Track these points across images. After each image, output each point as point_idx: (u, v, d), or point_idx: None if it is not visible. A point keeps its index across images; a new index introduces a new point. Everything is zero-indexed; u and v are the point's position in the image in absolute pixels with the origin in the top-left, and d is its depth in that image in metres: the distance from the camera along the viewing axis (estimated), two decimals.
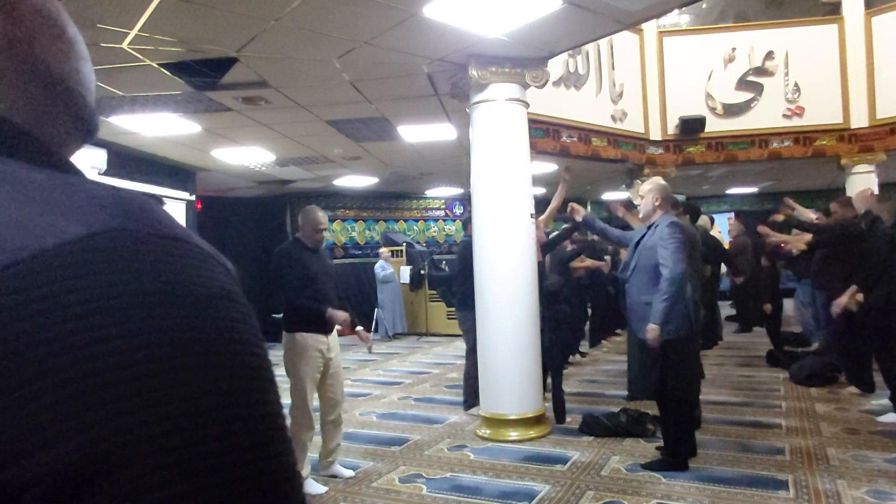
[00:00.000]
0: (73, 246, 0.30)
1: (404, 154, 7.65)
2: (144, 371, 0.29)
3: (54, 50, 0.44)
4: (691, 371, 3.68)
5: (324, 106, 5.40)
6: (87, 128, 0.47)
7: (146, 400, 0.29)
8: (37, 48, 0.42)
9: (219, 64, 4.20)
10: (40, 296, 0.29)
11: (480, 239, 4.58)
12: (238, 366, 0.33)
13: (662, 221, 3.69)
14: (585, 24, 3.96)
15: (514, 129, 4.55)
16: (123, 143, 6.28)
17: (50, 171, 0.35)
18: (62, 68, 0.44)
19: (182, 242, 0.33)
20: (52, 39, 0.43)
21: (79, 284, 0.29)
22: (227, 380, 0.32)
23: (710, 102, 7.51)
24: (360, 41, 3.94)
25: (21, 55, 0.41)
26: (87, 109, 0.47)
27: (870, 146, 7.33)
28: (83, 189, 0.33)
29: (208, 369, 0.31)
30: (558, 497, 3.35)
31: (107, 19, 3.39)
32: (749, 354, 7.27)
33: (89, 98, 0.47)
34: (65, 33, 0.45)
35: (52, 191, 0.32)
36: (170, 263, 0.32)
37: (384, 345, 9.53)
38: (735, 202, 13.92)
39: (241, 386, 0.32)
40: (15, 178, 0.33)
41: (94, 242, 0.30)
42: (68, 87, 0.44)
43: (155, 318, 0.30)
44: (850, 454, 3.82)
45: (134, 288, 0.30)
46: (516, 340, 4.44)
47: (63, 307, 0.29)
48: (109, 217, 0.32)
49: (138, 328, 0.30)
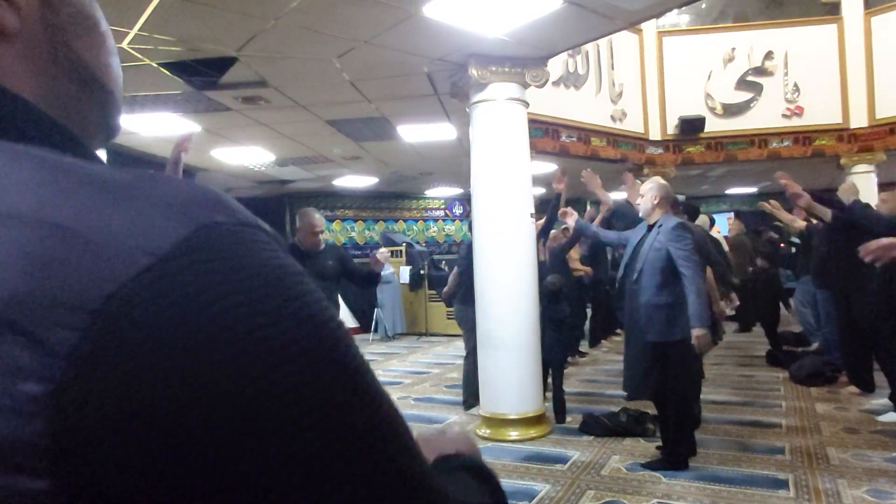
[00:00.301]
0: (183, 247, 0.30)
1: (404, 154, 7.65)
2: (296, 367, 0.31)
3: (88, 43, 0.43)
4: (693, 371, 3.67)
5: (323, 105, 5.40)
6: (112, 124, 0.46)
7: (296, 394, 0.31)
8: (71, 39, 0.41)
9: (218, 63, 4.20)
10: (170, 303, 0.29)
11: (480, 239, 4.58)
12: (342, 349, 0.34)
13: (666, 222, 3.61)
14: (585, 23, 3.96)
15: (514, 129, 4.55)
16: (123, 142, 6.28)
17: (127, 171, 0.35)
18: (94, 62, 0.44)
19: (259, 230, 0.34)
20: (86, 31, 0.43)
21: (204, 284, 0.30)
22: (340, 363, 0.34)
23: (709, 102, 7.51)
24: (360, 40, 3.94)
25: (56, 44, 0.40)
26: (116, 107, 0.46)
27: (869, 146, 7.33)
28: (159, 186, 0.33)
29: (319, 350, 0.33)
30: (558, 496, 3.35)
31: (107, 19, 3.38)
32: (749, 354, 7.27)
33: (118, 95, 0.46)
34: (99, 27, 0.45)
35: (132, 188, 0.32)
36: (258, 252, 0.33)
37: (384, 345, 9.53)
38: (734, 202, 13.93)
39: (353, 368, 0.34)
40: (93, 175, 0.32)
41: (198, 241, 0.31)
42: (99, 82, 0.44)
43: (275, 309, 0.31)
44: (850, 453, 3.82)
45: (246, 281, 0.31)
46: (516, 340, 4.44)
47: (198, 309, 0.29)
48: (201, 211, 0.32)
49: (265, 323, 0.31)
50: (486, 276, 4.53)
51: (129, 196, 0.31)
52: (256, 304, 0.31)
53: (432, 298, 10.02)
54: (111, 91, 0.45)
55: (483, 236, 4.56)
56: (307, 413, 0.31)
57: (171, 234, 0.30)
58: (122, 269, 0.29)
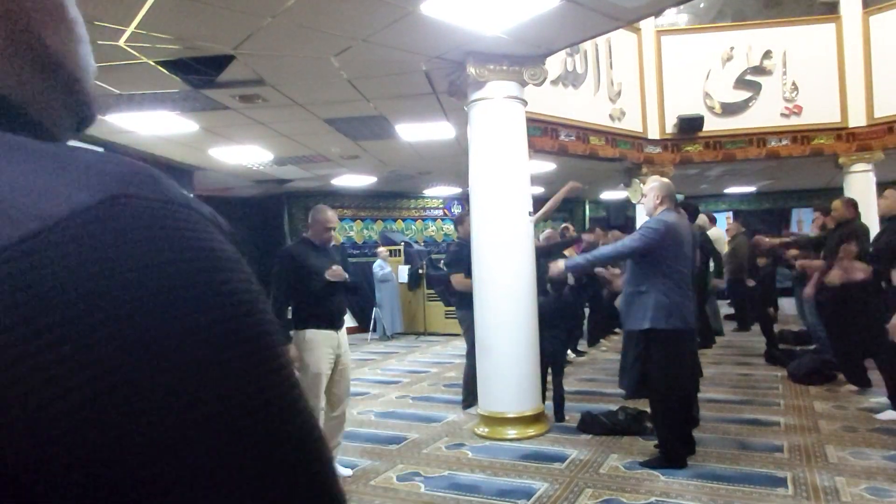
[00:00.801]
0: (82, 216, 0.28)
1: (402, 153, 7.64)
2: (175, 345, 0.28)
3: (53, 29, 0.42)
4: (676, 368, 3.64)
5: (321, 104, 5.39)
6: (83, 114, 0.45)
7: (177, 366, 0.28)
8: (34, 25, 0.40)
9: (215, 61, 4.19)
10: (52, 273, 0.27)
11: (479, 238, 4.58)
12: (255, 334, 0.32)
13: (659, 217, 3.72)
14: (583, 21, 3.95)
15: (513, 128, 4.54)
16: (120, 141, 6.27)
17: (53, 143, 0.34)
18: (60, 49, 0.42)
19: (184, 207, 0.32)
20: (51, 17, 0.42)
21: (93, 257, 0.28)
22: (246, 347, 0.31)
23: (708, 101, 7.51)
24: (358, 38, 3.93)
25: (17, 31, 0.39)
26: (85, 95, 0.45)
27: (868, 145, 7.33)
28: (81, 156, 0.32)
29: (228, 339, 0.30)
30: (556, 495, 3.34)
31: (104, 16, 3.38)
32: (747, 353, 7.27)
33: (87, 83, 0.45)
34: (65, 12, 0.43)
35: (55, 158, 0.31)
36: (177, 230, 0.31)
37: (382, 344, 9.52)
38: (733, 201, 13.93)
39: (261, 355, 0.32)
40: (25, 146, 0.31)
41: (100, 211, 0.29)
42: (66, 70, 0.43)
43: (175, 288, 0.29)
44: (849, 451, 3.82)
45: (148, 258, 0.29)
46: (514, 338, 4.44)
47: (77, 283, 0.27)
48: (116, 183, 0.30)
49: (160, 302, 0.28)
50: (484, 275, 4.53)
51: (51, 163, 0.30)
52: (150, 287, 0.28)
53: (431, 298, 10.01)
54: (78, 78, 0.44)
55: (481, 235, 4.55)
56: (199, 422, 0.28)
57: (74, 201, 0.28)
58: (6, 232, 0.27)
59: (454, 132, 6.47)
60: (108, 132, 5.88)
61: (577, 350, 7.48)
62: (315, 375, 3.52)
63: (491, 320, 4.49)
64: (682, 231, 3.71)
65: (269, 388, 0.31)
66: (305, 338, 3.54)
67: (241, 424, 0.30)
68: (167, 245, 0.30)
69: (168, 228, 0.30)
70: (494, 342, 4.47)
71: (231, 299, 0.31)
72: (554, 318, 4.78)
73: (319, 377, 3.53)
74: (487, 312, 4.51)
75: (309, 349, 3.53)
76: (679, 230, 3.68)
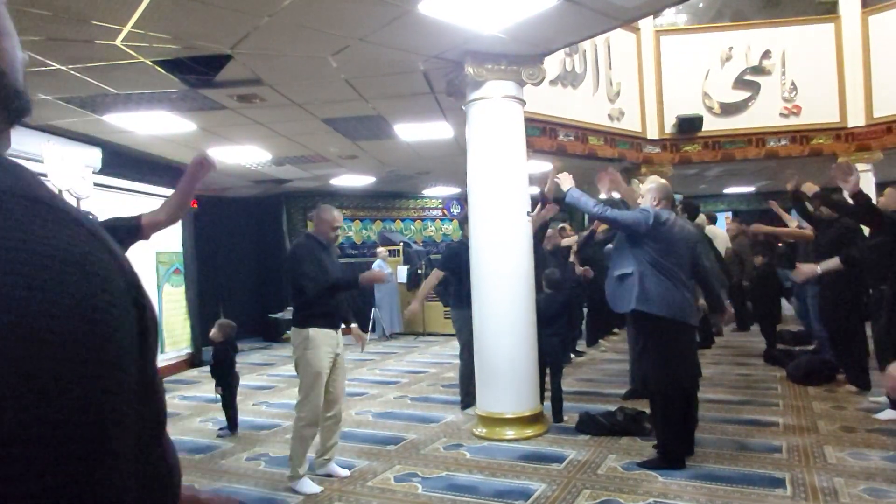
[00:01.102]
0: None
1: (401, 153, 7.63)
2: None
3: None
4: (674, 363, 3.62)
5: (319, 104, 5.38)
6: (14, 106, 0.45)
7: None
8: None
9: (213, 61, 4.18)
10: None
11: (477, 237, 4.56)
12: (85, 335, 0.32)
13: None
14: (581, 20, 3.94)
15: (511, 127, 4.53)
16: (118, 141, 6.26)
17: None
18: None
19: (43, 204, 0.32)
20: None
21: None
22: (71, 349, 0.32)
23: (707, 101, 7.51)
24: (355, 38, 3.92)
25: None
26: (11, 87, 0.44)
27: (867, 145, 7.33)
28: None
29: (57, 334, 0.31)
30: (554, 496, 3.33)
31: (101, 16, 3.36)
32: (746, 353, 7.26)
33: (13, 76, 0.45)
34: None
35: None
36: (29, 224, 0.31)
37: (381, 344, 9.51)
38: (732, 201, 13.93)
39: (84, 355, 0.33)
40: None
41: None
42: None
43: (9, 280, 0.30)
44: (848, 452, 3.81)
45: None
46: (513, 339, 4.42)
47: None
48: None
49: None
50: (482, 275, 4.52)
51: None
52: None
53: (429, 298, 9.99)
54: (3, 71, 0.44)
55: (480, 235, 4.54)
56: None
57: None
58: None
59: (452, 132, 6.46)
60: (105, 132, 5.86)
61: (577, 350, 7.47)
62: (316, 374, 3.53)
63: (489, 320, 4.48)
64: (675, 231, 3.68)
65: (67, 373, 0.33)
66: (308, 336, 3.54)
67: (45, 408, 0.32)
68: (13, 237, 0.30)
69: (18, 221, 0.31)
70: (493, 342, 4.46)
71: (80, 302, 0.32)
72: (551, 316, 4.76)
73: (320, 376, 3.55)
74: (486, 312, 4.50)
75: (312, 348, 3.53)
76: (672, 229, 3.66)
